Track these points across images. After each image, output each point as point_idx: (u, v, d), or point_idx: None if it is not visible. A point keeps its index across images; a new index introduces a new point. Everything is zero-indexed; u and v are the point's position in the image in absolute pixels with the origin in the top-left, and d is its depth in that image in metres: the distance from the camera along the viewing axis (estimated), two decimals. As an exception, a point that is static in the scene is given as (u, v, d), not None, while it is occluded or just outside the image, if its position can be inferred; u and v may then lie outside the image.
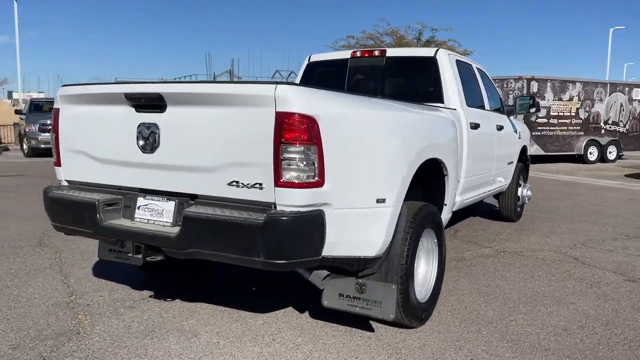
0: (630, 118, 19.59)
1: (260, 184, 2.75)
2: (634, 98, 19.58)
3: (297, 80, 5.88)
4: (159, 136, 3.03)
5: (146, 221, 3.19)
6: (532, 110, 6.43)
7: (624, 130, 19.49)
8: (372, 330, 3.50)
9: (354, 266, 3.08)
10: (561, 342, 3.40)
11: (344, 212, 2.88)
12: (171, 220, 3.10)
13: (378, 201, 3.08)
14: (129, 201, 3.29)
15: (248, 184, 2.79)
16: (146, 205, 3.21)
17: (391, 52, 5.39)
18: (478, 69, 6.04)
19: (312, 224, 2.74)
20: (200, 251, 2.90)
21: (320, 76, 5.74)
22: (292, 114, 2.63)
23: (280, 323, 3.62)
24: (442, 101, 4.90)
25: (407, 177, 3.33)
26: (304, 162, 2.66)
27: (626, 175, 14.50)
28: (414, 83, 5.38)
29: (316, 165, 2.69)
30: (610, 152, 19.22)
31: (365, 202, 3.03)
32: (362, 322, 3.56)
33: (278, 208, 2.72)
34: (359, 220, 3.00)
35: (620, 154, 19.55)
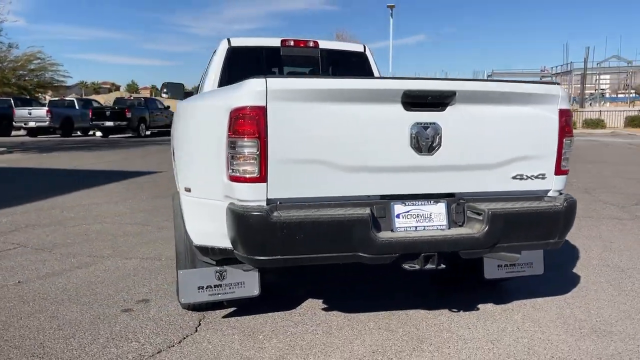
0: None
1: (543, 174, 3.16)
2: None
3: (217, 68, 4.83)
4: (441, 136, 2.91)
5: (413, 229, 2.97)
6: None
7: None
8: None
9: None
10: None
11: None
12: (445, 223, 3.03)
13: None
14: (380, 211, 2.93)
15: (532, 176, 3.14)
16: (407, 211, 3.00)
17: (324, 44, 5.19)
18: None
19: None
20: (504, 245, 3.06)
21: (247, 64, 5.04)
22: (569, 110, 3.18)
23: (449, 319, 3.53)
24: None
25: None
26: (570, 152, 3.25)
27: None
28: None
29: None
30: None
31: None
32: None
33: (551, 194, 3.21)
34: None
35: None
